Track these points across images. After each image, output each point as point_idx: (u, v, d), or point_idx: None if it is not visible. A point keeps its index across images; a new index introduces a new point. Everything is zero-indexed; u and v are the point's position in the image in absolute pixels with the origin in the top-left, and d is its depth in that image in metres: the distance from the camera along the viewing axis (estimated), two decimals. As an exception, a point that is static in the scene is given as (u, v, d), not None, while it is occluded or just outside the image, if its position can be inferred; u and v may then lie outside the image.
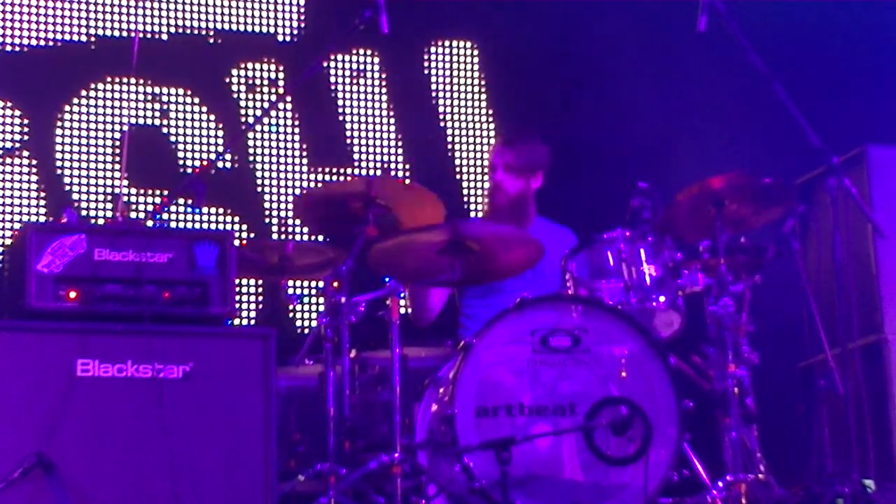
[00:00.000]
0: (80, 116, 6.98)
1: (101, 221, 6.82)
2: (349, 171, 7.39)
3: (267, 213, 7.24)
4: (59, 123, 6.95)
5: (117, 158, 6.92)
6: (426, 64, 7.64)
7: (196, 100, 7.17)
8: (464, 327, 6.14)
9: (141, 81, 7.05)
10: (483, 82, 7.69)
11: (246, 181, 7.22)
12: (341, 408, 5.15)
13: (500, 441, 4.80)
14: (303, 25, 7.41)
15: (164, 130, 7.11)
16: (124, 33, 7.05)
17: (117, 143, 6.93)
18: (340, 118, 7.45)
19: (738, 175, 5.47)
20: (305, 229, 7.14)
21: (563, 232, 6.28)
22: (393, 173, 7.42)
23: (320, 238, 6.75)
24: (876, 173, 6.37)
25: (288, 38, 7.39)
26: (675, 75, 7.76)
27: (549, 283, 5.89)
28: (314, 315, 7.06)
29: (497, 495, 4.78)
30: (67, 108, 6.97)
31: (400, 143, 7.48)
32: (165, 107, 7.11)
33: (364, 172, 7.38)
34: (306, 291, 6.65)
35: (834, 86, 7.64)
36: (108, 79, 7.03)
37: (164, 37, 7.17)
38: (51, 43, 6.98)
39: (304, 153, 7.33)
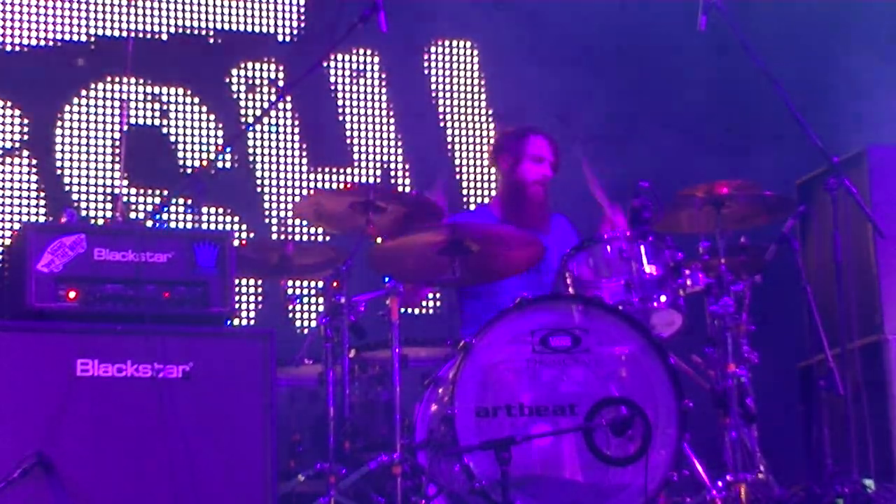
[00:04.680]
0: (80, 116, 6.99)
1: (101, 221, 6.82)
2: (349, 170, 7.39)
3: (267, 213, 7.24)
4: (59, 123, 6.95)
5: (117, 158, 6.92)
6: (426, 64, 7.64)
7: (196, 100, 7.17)
8: (465, 326, 6.13)
9: (141, 81, 7.06)
10: (483, 82, 7.69)
11: (246, 181, 7.22)
12: (341, 408, 5.15)
13: (500, 441, 4.79)
14: (303, 25, 7.41)
15: (164, 130, 7.11)
16: (124, 33, 7.05)
17: (117, 143, 6.93)
18: (340, 118, 7.46)
19: (742, 184, 5.48)
20: (305, 229, 7.15)
21: (567, 224, 6.28)
22: (393, 173, 7.43)
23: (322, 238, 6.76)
24: (876, 173, 6.37)
25: (288, 38, 7.39)
26: (675, 75, 7.76)
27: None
28: (314, 315, 7.06)
29: (497, 495, 4.78)
30: (67, 108, 6.98)
31: (400, 143, 7.48)
32: (165, 107, 7.11)
33: (364, 172, 7.38)
34: (306, 291, 6.65)
35: (834, 86, 7.64)
36: (108, 79, 7.04)
37: (164, 37, 7.17)
38: (51, 43, 6.98)
39: (304, 153, 7.33)
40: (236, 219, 7.14)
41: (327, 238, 7.11)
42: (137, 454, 4.53)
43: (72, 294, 4.61)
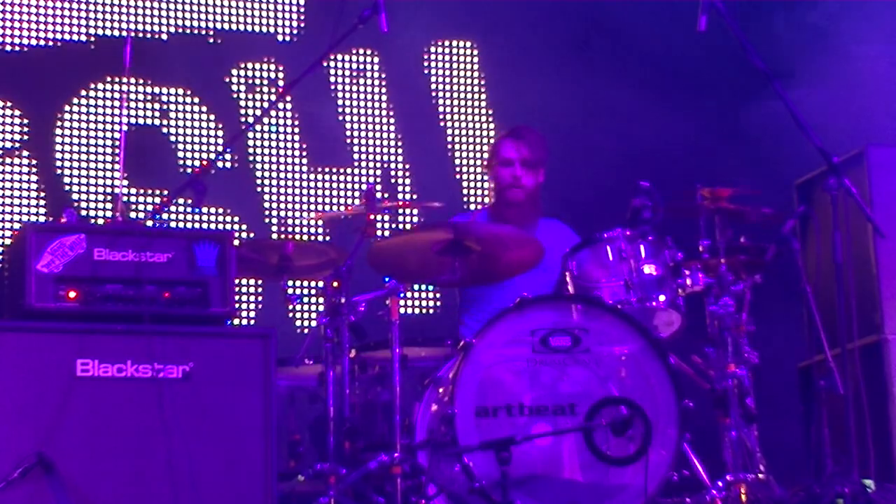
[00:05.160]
0: (80, 116, 6.99)
1: (101, 221, 6.82)
2: (349, 171, 7.40)
3: (267, 213, 7.24)
4: (59, 123, 6.96)
5: (117, 158, 6.92)
6: (426, 64, 7.64)
7: (196, 100, 7.17)
8: (465, 326, 6.14)
9: (141, 81, 7.06)
10: (483, 82, 7.69)
11: (246, 181, 7.23)
12: (341, 408, 5.15)
13: (500, 441, 4.80)
14: (303, 25, 7.42)
15: (164, 130, 7.11)
16: (124, 33, 7.05)
17: (117, 143, 6.94)
18: (340, 118, 7.46)
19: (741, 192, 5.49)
20: (306, 229, 7.16)
21: (562, 228, 6.28)
22: (393, 174, 7.43)
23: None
24: (876, 173, 6.37)
25: (288, 38, 7.40)
26: (675, 75, 7.76)
27: (552, 281, 5.89)
28: (314, 315, 7.06)
29: (497, 495, 4.78)
30: (67, 108, 6.98)
31: (400, 143, 7.49)
32: (165, 107, 7.12)
33: (364, 172, 7.39)
34: (306, 291, 6.65)
35: (834, 86, 7.63)
36: (108, 79, 7.04)
37: (164, 37, 7.17)
38: (51, 43, 6.99)
39: (304, 153, 7.33)
40: (236, 219, 7.15)
41: (327, 238, 7.12)
42: (137, 454, 4.53)
43: (72, 294, 4.60)
